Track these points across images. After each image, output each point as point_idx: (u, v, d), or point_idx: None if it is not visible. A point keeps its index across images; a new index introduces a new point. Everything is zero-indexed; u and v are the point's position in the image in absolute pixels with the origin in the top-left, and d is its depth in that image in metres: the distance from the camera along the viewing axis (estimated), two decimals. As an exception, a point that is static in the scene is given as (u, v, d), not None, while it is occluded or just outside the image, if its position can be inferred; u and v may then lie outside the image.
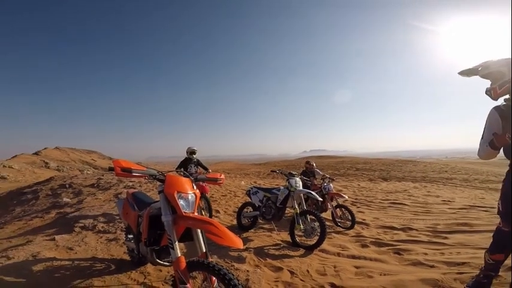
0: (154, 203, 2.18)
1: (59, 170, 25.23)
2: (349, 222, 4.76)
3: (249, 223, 4.62)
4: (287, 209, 4.42)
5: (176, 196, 1.80)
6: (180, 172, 2.19)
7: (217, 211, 5.87)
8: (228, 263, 2.99)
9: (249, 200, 4.85)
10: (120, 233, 4.03)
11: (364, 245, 3.82)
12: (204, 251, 1.84)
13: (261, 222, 4.86)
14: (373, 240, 4.03)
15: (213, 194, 7.63)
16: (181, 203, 1.81)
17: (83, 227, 4.30)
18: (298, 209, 3.90)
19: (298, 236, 3.81)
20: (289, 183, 4.17)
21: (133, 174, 1.80)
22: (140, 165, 1.94)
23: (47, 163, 27.01)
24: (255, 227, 4.62)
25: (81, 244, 3.59)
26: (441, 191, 10.64)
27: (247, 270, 2.78)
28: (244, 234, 4.28)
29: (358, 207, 6.79)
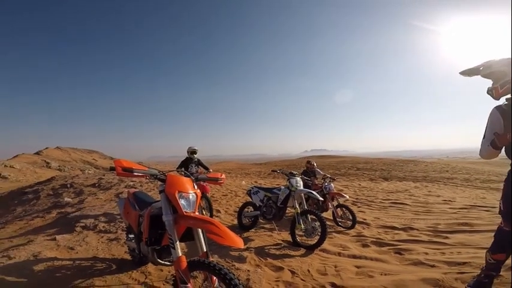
0: (155, 202, 2.18)
1: (60, 169, 25.29)
2: (350, 222, 4.75)
3: (249, 223, 4.62)
4: (288, 209, 4.42)
5: (177, 196, 1.81)
6: (181, 172, 2.19)
7: (218, 211, 5.88)
8: (229, 263, 2.99)
9: (249, 199, 4.85)
10: (121, 232, 4.04)
11: (365, 245, 3.82)
12: (204, 250, 1.84)
13: (262, 222, 4.86)
14: (374, 240, 4.02)
15: (213, 193, 7.64)
16: (182, 202, 1.82)
17: (84, 227, 4.31)
18: (299, 209, 3.90)
19: (299, 235, 3.81)
20: (290, 182, 4.17)
21: (134, 174, 1.81)
22: (141, 165, 1.95)
23: (48, 163, 27.07)
24: (255, 227, 4.62)
25: (82, 244, 3.60)
26: (442, 190, 10.61)
27: (248, 270, 2.78)
28: (245, 234, 4.28)
29: (359, 207, 6.78)
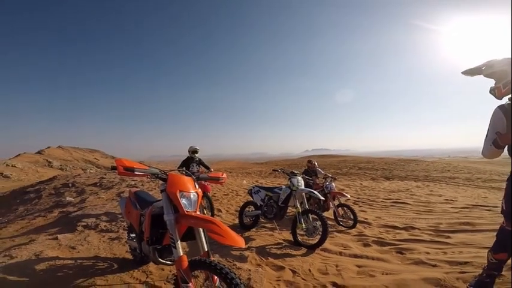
0: (157, 202, 2.19)
1: (61, 169, 25.38)
2: (351, 221, 4.75)
3: (250, 222, 4.62)
4: (289, 208, 4.42)
5: (178, 195, 1.81)
6: (182, 171, 2.19)
7: (219, 210, 5.88)
8: (230, 262, 2.99)
9: (250, 199, 4.85)
10: (122, 232, 4.05)
11: (366, 244, 3.82)
12: (206, 250, 1.84)
13: (263, 222, 4.86)
14: (375, 239, 4.02)
15: (215, 193, 7.65)
16: (184, 202, 1.82)
17: (86, 226, 4.32)
18: (300, 208, 3.90)
19: (300, 235, 3.81)
20: (291, 182, 4.17)
21: (135, 173, 1.81)
22: (143, 164, 1.95)
23: (50, 162, 27.17)
24: (256, 226, 4.63)
25: (84, 243, 3.61)
26: (444, 190, 10.59)
27: (249, 269, 2.78)
28: (246, 234, 4.28)
29: (360, 207, 6.77)
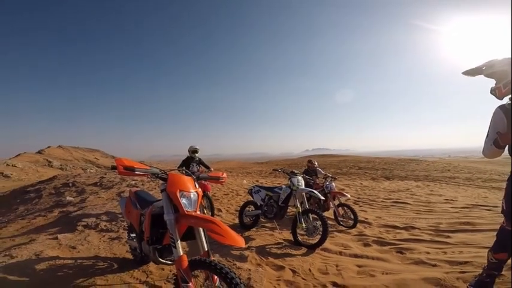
0: (157, 201, 2.19)
1: (62, 168, 25.38)
2: (352, 221, 4.75)
3: (251, 222, 4.62)
4: (289, 208, 4.42)
5: (178, 195, 1.81)
6: (182, 171, 2.19)
7: (219, 210, 5.89)
8: (230, 262, 2.99)
9: (251, 198, 4.86)
10: (122, 231, 4.05)
11: (366, 244, 3.82)
12: (206, 249, 1.84)
13: (263, 221, 4.87)
14: (376, 239, 4.02)
15: (215, 192, 7.65)
16: (184, 201, 1.82)
17: (86, 226, 4.32)
18: (300, 208, 3.90)
19: (300, 234, 3.81)
20: (291, 182, 4.17)
21: (136, 172, 1.80)
22: (143, 163, 1.95)
23: (50, 162, 27.17)
24: (257, 226, 4.63)
25: (84, 243, 3.61)
26: (444, 190, 10.58)
27: (249, 269, 2.78)
28: (246, 233, 4.29)
29: (360, 206, 6.78)
